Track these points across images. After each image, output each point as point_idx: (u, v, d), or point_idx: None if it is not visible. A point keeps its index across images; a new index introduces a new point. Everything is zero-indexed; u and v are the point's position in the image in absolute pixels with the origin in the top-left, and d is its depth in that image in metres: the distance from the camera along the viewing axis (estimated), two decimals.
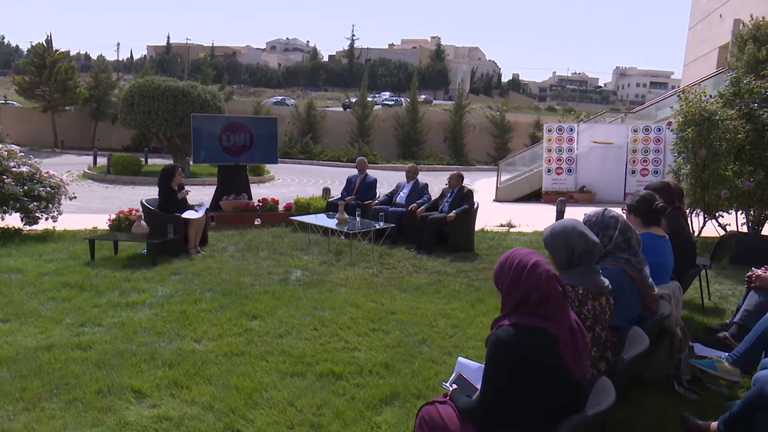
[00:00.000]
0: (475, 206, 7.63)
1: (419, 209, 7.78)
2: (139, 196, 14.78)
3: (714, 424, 2.79)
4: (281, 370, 3.67)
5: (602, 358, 2.59)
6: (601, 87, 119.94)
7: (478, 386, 2.40)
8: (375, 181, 8.96)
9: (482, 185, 20.29)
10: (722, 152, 7.32)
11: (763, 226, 7.99)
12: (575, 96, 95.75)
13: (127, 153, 21.99)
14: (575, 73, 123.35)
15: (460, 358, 2.67)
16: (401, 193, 8.34)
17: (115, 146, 29.94)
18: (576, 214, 10.17)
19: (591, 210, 3.09)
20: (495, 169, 28.97)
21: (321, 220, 7.66)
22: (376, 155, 28.95)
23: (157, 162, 23.71)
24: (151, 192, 15.95)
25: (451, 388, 2.41)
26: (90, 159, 23.19)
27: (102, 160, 21.26)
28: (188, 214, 6.93)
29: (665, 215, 3.53)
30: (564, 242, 2.51)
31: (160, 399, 3.28)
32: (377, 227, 7.17)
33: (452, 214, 7.29)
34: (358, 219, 7.44)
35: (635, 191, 3.71)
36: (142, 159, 21.35)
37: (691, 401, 3.38)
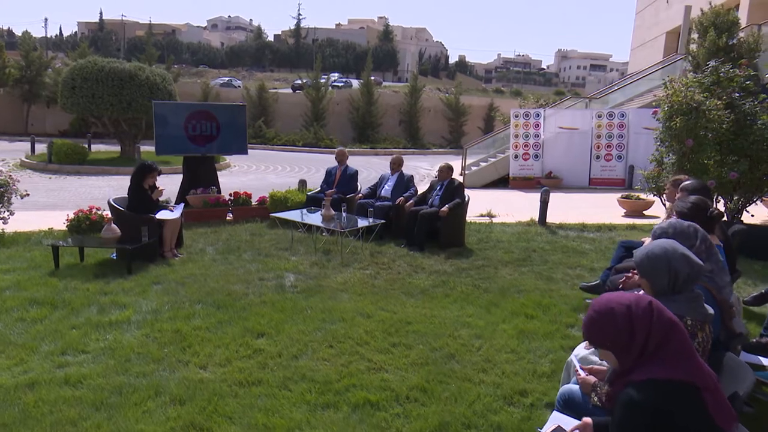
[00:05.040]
0: (467, 199, 7.37)
1: (407, 203, 7.45)
2: (87, 187, 13.77)
3: None
4: (309, 401, 3.28)
5: None
6: (544, 69, 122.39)
7: None
8: (356, 173, 8.52)
9: None
10: (708, 142, 7.33)
11: (741, 214, 8.12)
12: (520, 78, 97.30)
13: (67, 139, 20.47)
14: (519, 55, 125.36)
15: (555, 413, 2.38)
16: (386, 186, 7.96)
17: (51, 131, 27.98)
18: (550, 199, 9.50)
19: (663, 222, 2.83)
20: (452, 152, 29.05)
21: (305, 216, 7.21)
22: (332, 139, 28.36)
23: (102, 148, 22.29)
24: (100, 183, 14.94)
25: None
26: (25, 145, 21.57)
27: (40, 147, 19.75)
28: (163, 215, 6.32)
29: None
30: (666, 266, 2.24)
31: None
32: (368, 224, 6.79)
33: (445, 208, 6.99)
34: (344, 215, 7.04)
35: (684, 199, 3.47)
36: (84, 145, 19.89)
37: (745, 415, 3.24)
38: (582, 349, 3.07)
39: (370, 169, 17.87)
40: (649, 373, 1.74)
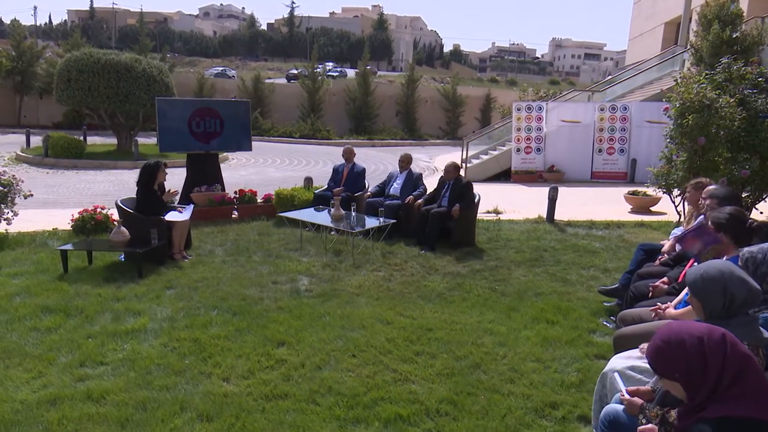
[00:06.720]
0: (477, 198, 7.30)
1: (418, 202, 7.37)
2: (86, 183, 13.58)
3: None
4: (339, 416, 3.22)
5: None
6: (538, 58, 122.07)
7: None
8: (364, 170, 8.42)
9: (443, 162, 19.99)
10: (720, 139, 7.29)
11: (750, 212, 8.10)
12: (514, 67, 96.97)
13: (62, 132, 20.16)
14: (513, 44, 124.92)
15: None
16: (395, 185, 7.88)
17: (45, 123, 27.58)
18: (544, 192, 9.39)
19: (754, 246, 2.68)
20: (449, 143, 28.92)
21: (314, 216, 7.12)
22: (329, 131, 28.14)
23: (97, 141, 22.02)
24: (99, 177, 14.75)
25: None
26: (18, 138, 21.24)
27: (35, 140, 19.47)
28: (172, 216, 6.21)
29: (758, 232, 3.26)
30: (722, 289, 2.18)
31: None
32: (379, 224, 6.71)
33: (456, 208, 6.92)
34: (353, 214, 6.96)
35: (718, 210, 3.39)
36: (81, 138, 19.61)
37: None
38: (618, 362, 3.01)
39: (368, 162, 17.78)
40: (724, 410, 1.68)
